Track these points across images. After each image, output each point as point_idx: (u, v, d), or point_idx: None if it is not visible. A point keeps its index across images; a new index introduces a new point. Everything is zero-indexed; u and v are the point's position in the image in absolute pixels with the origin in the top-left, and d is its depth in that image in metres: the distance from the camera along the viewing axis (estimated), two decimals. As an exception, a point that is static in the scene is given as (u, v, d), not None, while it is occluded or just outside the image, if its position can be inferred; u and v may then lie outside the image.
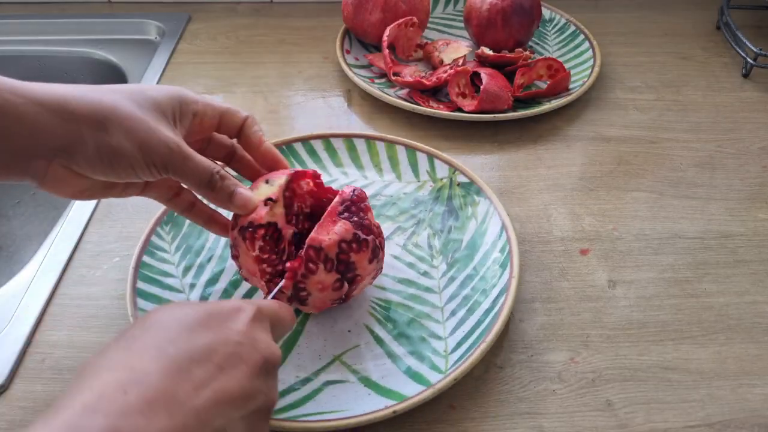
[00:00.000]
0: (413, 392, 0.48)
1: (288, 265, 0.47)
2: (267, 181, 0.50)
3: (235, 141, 0.50)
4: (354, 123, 0.78)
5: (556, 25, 0.94)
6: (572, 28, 0.93)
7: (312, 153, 0.69)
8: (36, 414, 0.48)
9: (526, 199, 0.68)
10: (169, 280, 0.56)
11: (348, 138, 0.70)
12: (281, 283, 0.47)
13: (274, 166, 0.50)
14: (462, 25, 0.92)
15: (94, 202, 0.65)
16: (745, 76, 0.87)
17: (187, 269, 0.58)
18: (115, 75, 0.91)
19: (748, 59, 0.86)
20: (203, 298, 0.56)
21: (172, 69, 0.86)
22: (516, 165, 0.72)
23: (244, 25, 0.96)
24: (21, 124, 0.37)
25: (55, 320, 0.55)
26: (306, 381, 0.50)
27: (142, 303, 0.53)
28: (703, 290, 0.59)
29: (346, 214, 0.49)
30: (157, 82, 0.83)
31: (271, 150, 0.50)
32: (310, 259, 0.47)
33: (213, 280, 0.57)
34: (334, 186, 0.61)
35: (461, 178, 0.66)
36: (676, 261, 0.62)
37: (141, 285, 0.54)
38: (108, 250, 0.61)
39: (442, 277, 0.59)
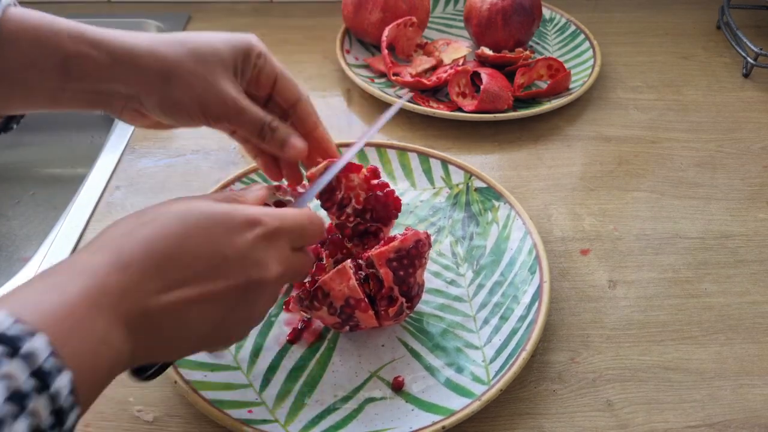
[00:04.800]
0: (459, 405, 0.47)
1: (295, 293, 0.47)
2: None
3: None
4: (354, 123, 0.78)
5: (556, 24, 0.94)
6: (572, 27, 0.92)
7: None
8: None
9: (526, 199, 0.68)
10: None
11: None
12: (313, 188, 0.47)
13: (324, 153, 0.50)
14: (462, 24, 0.92)
15: (93, 201, 0.66)
16: (746, 75, 0.87)
17: None
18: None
19: (749, 59, 0.86)
20: None
21: (172, 69, 0.86)
22: (516, 165, 0.72)
23: (244, 25, 0.96)
24: (99, 73, 0.41)
25: (54, 320, 0.55)
26: (346, 399, 0.49)
27: None
28: (704, 290, 0.59)
29: (394, 264, 0.48)
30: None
31: (325, 136, 0.50)
32: (316, 298, 0.47)
33: None
34: None
35: (478, 183, 0.65)
36: (676, 261, 0.62)
37: None
38: (108, 250, 0.61)
39: (470, 285, 0.58)
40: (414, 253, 0.48)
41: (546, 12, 0.95)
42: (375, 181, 0.52)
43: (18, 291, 0.30)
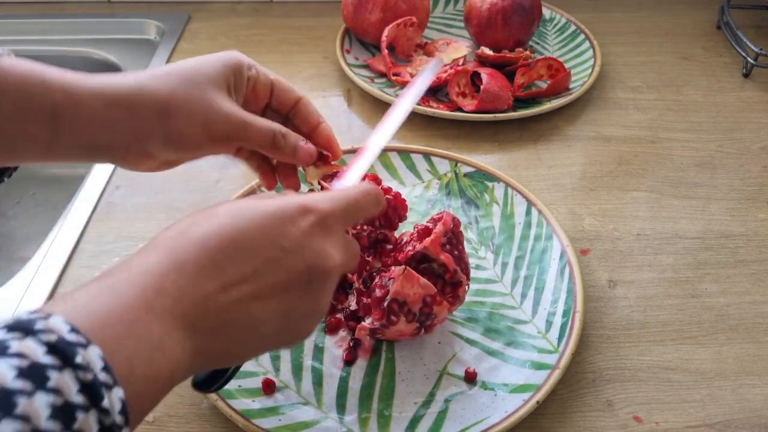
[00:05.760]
0: (539, 379, 0.48)
1: (365, 324, 0.48)
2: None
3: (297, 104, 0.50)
4: (354, 123, 0.78)
5: (556, 24, 0.94)
6: (572, 27, 0.92)
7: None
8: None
9: (526, 199, 0.68)
10: None
11: None
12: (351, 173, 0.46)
13: (328, 146, 0.49)
14: (462, 24, 0.92)
15: (93, 201, 0.66)
16: (746, 75, 0.87)
17: None
18: (114, 75, 0.90)
19: (749, 59, 0.86)
20: None
21: (171, 69, 0.86)
22: (516, 165, 0.72)
23: (244, 25, 0.96)
24: (93, 122, 0.40)
25: (54, 320, 0.55)
26: (427, 404, 0.49)
27: None
28: (704, 290, 0.59)
29: (448, 246, 0.49)
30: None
31: (329, 131, 0.49)
32: (393, 312, 0.47)
33: None
34: None
35: (466, 169, 0.67)
36: (676, 261, 0.62)
37: None
38: (107, 250, 0.61)
39: (495, 265, 0.59)
40: (456, 231, 0.50)
41: (546, 12, 0.95)
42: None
43: (72, 293, 0.29)
